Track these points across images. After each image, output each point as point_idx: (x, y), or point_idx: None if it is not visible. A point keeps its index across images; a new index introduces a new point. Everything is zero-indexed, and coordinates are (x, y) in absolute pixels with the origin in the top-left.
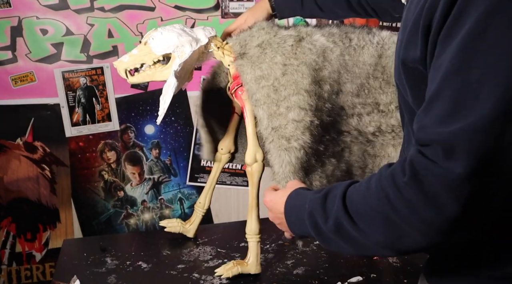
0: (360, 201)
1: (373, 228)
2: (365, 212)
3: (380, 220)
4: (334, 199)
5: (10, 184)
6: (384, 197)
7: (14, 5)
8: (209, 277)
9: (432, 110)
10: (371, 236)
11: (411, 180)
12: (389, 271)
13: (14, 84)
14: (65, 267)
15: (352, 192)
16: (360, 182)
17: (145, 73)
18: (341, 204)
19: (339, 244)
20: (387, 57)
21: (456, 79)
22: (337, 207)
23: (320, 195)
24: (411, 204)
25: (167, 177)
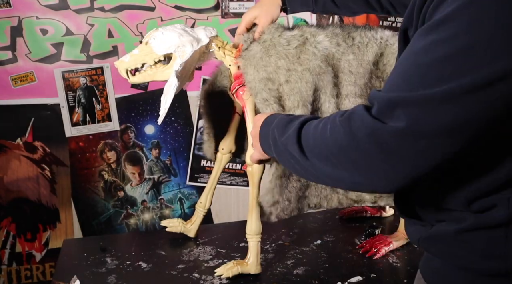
0: (309, 131)
1: (311, 154)
2: (309, 141)
3: (317, 150)
4: (295, 123)
5: (10, 184)
6: (323, 131)
7: (14, 5)
8: (209, 277)
9: (389, 78)
10: (306, 161)
11: (345, 119)
12: (389, 271)
13: (14, 84)
14: (65, 267)
15: (309, 123)
16: (321, 120)
17: (146, 73)
18: (297, 129)
19: (287, 160)
20: (387, 55)
21: (410, 57)
22: (292, 130)
23: (288, 118)
24: (339, 140)
25: (167, 177)
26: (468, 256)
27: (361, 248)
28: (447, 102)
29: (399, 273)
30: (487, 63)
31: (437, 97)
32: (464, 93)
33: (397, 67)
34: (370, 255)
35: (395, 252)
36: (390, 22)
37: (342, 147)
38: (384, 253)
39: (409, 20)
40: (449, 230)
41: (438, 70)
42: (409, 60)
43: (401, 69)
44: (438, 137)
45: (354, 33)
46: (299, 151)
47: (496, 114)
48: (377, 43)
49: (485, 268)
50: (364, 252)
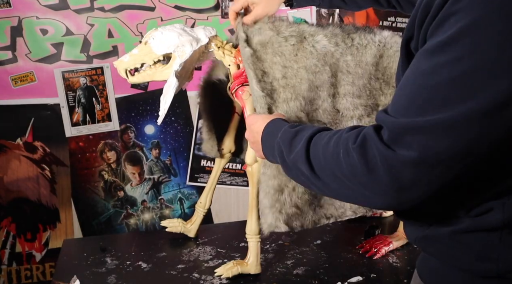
0: (319, 150)
1: (322, 174)
2: (320, 160)
3: (329, 171)
4: (302, 138)
5: (10, 184)
6: (336, 154)
7: (14, 5)
8: (209, 277)
9: (396, 99)
10: (318, 180)
11: (359, 147)
12: (389, 271)
13: (14, 84)
14: (65, 267)
15: (316, 139)
16: (327, 133)
17: (146, 73)
18: (305, 148)
19: (297, 175)
20: (388, 56)
21: (416, 78)
22: (300, 147)
23: (292, 131)
24: (354, 167)
25: (167, 177)
26: (463, 257)
27: (361, 248)
28: (455, 127)
29: (399, 273)
30: (491, 85)
31: (445, 122)
32: (471, 116)
33: (403, 88)
34: (370, 255)
35: (395, 252)
36: (390, 22)
37: (357, 174)
38: (384, 253)
39: (410, 31)
40: (445, 231)
41: (444, 94)
42: (415, 81)
43: (407, 90)
44: (451, 163)
45: (354, 35)
46: (309, 169)
47: (507, 133)
48: (376, 46)
49: (480, 270)
50: (364, 252)
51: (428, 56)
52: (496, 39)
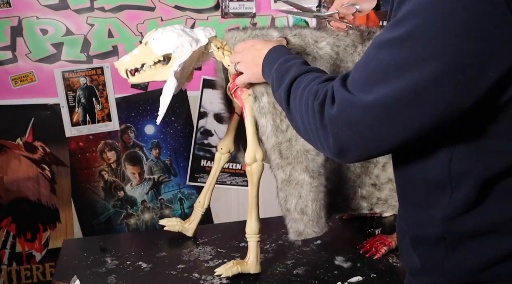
0: (296, 94)
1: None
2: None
3: (300, 114)
4: (287, 77)
5: (10, 184)
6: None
7: (14, 5)
8: (209, 277)
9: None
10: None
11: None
12: (389, 271)
13: (14, 84)
14: (65, 267)
15: (298, 82)
16: (308, 78)
17: (146, 73)
18: (288, 86)
19: (283, 109)
20: None
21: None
22: (285, 85)
23: (285, 67)
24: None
25: (167, 177)
26: None
27: (361, 248)
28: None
29: (399, 273)
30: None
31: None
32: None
33: (362, 57)
34: (370, 255)
35: (395, 252)
36: None
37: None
38: (384, 253)
39: None
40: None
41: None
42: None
43: (359, 64)
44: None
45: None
46: (287, 107)
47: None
48: None
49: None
50: (364, 252)
51: (384, 31)
52: (429, 27)
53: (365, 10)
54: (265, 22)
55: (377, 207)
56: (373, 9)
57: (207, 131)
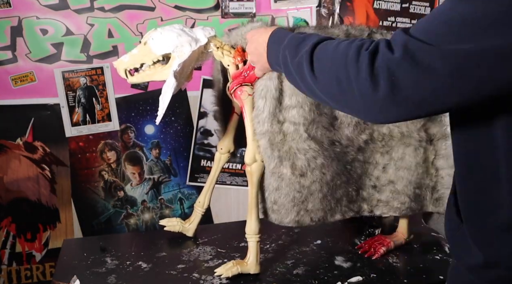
0: (328, 51)
1: (322, 75)
2: (325, 61)
3: (332, 72)
4: (308, 43)
5: (10, 184)
6: (345, 55)
7: (14, 5)
8: (209, 277)
9: (420, 22)
10: (321, 85)
11: (370, 53)
12: (389, 271)
13: (14, 84)
14: (65, 267)
15: (324, 44)
16: (337, 40)
17: (145, 73)
18: (310, 49)
19: (296, 80)
20: None
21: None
22: (306, 51)
23: (300, 37)
24: (359, 69)
25: (167, 177)
26: None
27: (360, 249)
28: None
29: (399, 273)
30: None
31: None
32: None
33: (430, 15)
34: (369, 255)
35: (395, 252)
36: (390, 22)
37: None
38: (383, 253)
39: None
40: None
41: (456, 31)
42: (440, 11)
43: (431, 17)
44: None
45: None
46: (310, 71)
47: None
48: None
49: None
50: (363, 252)
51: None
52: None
53: None
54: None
55: (377, 209)
56: None
57: (207, 131)
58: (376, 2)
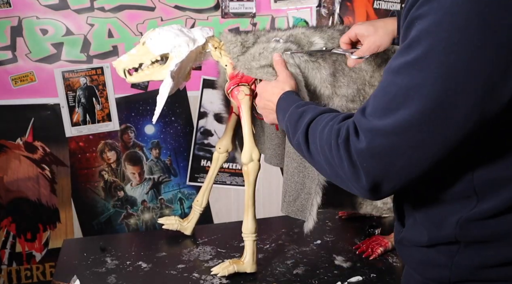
0: (315, 137)
1: (319, 160)
2: (316, 147)
3: (324, 157)
4: (303, 122)
5: (10, 184)
6: (329, 144)
7: (14, 5)
8: (209, 277)
9: (371, 98)
10: (318, 164)
11: (344, 142)
12: (389, 271)
13: (14, 84)
14: (65, 267)
15: (315, 124)
16: (324, 119)
17: (144, 73)
18: (305, 130)
19: (302, 155)
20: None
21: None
22: (301, 130)
23: (298, 112)
24: (341, 160)
25: (167, 177)
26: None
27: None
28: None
29: (399, 273)
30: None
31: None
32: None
33: (378, 86)
34: (366, 255)
35: (395, 252)
36: None
37: (344, 166)
38: (381, 253)
39: None
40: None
41: (401, 96)
42: (383, 82)
43: (378, 91)
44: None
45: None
46: (308, 153)
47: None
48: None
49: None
50: (361, 252)
51: (392, 61)
52: (444, 43)
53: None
54: (265, 22)
55: (362, 208)
56: None
57: (207, 131)
58: (376, 2)
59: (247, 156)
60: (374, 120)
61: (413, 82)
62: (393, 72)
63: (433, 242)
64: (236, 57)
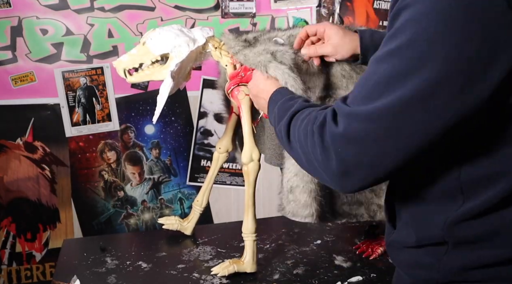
0: (295, 126)
1: (296, 146)
2: (294, 136)
3: (300, 145)
4: (289, 111)
5: (10, 184)
6: (305, 131)
7: (14, 5)
8: (209, 277)
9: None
10: (295, 153)
11: (319, 127)
12: (389, 271)
13: (14, 84)
14: (65, 267)
15: (298, 116)
16: (308, 110)
17: (144, 73)
18: (288, 120)
19: (282, 143)
20: None
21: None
22: (285, 120)
23: (288, 104)
24: (314, 146)
25: (167, 177)
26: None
27: (357, 249)
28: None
29: None
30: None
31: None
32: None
33: (362, 75)
34: (366, 255)
35: None
36: None
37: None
38: (381, 253)
39: None
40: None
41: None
42: (367, 71)
43: (360, 79)
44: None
45: None
46: (287, 141)
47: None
48: None
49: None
50: (361, 252)
51: (381, 47)
52: (428, 33)
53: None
54: (265, 22)
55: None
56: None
57: (207, 131)
58: (376, 2)
59: (247, 156)
60: (354, 106)
61: (394, 70)
62: (377, 61)
63: (421, 243)
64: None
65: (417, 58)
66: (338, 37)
